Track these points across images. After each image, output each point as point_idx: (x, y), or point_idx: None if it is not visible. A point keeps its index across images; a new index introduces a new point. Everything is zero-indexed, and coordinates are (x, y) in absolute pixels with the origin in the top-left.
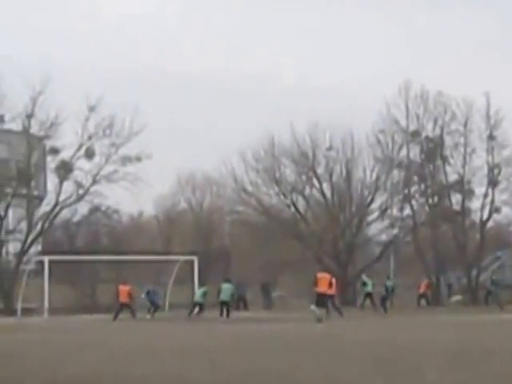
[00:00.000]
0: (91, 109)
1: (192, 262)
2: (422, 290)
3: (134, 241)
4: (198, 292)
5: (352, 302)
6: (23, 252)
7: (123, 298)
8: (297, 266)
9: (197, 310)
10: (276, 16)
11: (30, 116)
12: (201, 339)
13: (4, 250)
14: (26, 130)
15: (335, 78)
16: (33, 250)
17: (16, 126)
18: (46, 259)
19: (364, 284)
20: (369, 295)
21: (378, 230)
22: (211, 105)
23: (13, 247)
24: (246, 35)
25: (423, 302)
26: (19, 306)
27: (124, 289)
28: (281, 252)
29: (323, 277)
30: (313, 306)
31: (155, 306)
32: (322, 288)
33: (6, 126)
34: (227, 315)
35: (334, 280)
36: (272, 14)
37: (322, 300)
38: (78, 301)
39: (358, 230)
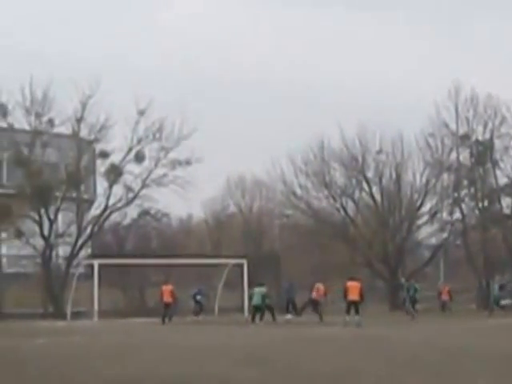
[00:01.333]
0: (141, 112)
1: (242, 266)
2: (445, 297)
3: (183, 244)
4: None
5: (403, 306)
6: (73, 255)
7: (167, 298)
8: (346, 269)
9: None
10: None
11: (79, 120)
12: (246, 341)
13: (54, 254)
14: (75, 134)
15: (382, 79)
16: (82, 253)
17: (66, 129)
18: (95, 263)
19: (407, 290)
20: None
21: (427, 233)
22: (260, 107)
23: (62, 251)
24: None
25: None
26: (69, 309)
27: (167, 289)
28: (330, 255)
29: (353, 285)
30: (347, 317)
31: (200, 306)
32: (353, 296)
33: (56, 129)
34: (260, 319)
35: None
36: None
37: (351, 307)
38: (127, 304)
39: (408, 233)
